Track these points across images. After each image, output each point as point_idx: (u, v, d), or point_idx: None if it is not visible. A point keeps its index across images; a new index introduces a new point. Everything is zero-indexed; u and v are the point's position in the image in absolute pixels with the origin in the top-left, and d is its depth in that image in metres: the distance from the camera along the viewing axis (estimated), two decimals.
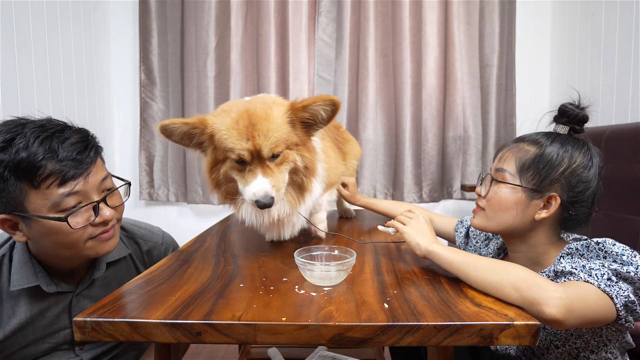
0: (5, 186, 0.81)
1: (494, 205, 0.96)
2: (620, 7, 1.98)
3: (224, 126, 0.91)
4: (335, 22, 2.43)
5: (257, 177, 0.90)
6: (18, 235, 0.88)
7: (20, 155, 0.80)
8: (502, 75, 2.49)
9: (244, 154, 0.90)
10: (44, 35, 1.93)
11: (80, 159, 0.86)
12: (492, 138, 2.51)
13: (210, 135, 0.94)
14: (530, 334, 0.65)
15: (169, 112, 2.48)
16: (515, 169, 0.93)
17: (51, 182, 0.83)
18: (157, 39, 2.44)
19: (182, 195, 2.53)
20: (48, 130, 0.86)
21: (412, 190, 2.51)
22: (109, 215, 0.91)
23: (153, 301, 0.73)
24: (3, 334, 0.94)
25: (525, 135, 1.00)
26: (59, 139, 0.85)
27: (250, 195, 0.90)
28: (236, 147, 0.90)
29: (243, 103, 0.97)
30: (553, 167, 0.90)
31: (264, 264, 0.97)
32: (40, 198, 0.83)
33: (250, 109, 0.92)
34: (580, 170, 0.89)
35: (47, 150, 0.82)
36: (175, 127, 0.91)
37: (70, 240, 0.87)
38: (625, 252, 0.78)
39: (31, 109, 1.80)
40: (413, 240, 0.92)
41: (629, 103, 1.92)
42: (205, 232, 1.32)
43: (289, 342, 0.65)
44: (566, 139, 0.93)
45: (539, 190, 0.90)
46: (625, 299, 0.72)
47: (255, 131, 0.89)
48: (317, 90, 2.45)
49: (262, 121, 0.90)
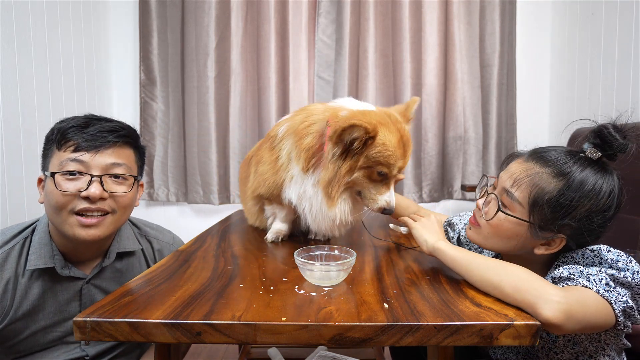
0: (50, 146, 0.99)
1: (493, 231, 0.89)
2: (620, 7, 1.99)
3: (391, 144, 0.96)
4: (335, 22, 2.43)
5: (390, 190, 1.03)
6: (41, 194, 1.01)
7: (64, 124, 0.98)
8: (503, 75, 2.49)
9: (394, 171, 1.00)
10: (44, 35, 1.93)
11: (97, 137, 0.98)
12: (493, 138, 2.51)
13: (371, 144, 0.95)
14: (530, 334, 0.65)
15: (169, 112, 2.48)
16: (527, 201, 0.83)
17: (68, 147, 0.96)
18: (158, 39, 2.44)
19: (183, 195, 2.53)
20: (99, 117, 1.03)
21: (412, 190, 2.51)
22: (93, 192, 0.95)
23: (153, 301, 0.73)
24: (15, 315, 0.97)
25: (549, 153, 0.86)
26: (97, 122, 1.00)
27: (383, 203, 1.02)
28: (396, 165, 0.98)
29: (387, 117, 1.00)
30: (569, 212, 0.80)
31: (264, 264, 0.97)
32: (57, 158, 0.97)
33: (401, 129, 1.00)
34: (599, 216, 0.81)
35: (82, 126, 0.98)
36: (355, 131, 0.92)
37: (57, 202, 0.95)
38: (620, 258, 0.77)
39: (31, 109, 1.81)
40: (421, 237, 0.93)
41: (629, 103, 1.92)
42: (205, 232, 1.32)
43: (289, 342, 0.65)
44: (595, 173, 0.81)
45: (547, 229, 0.83)
46: (624, 304, 0.72)
47: (406, 151, 1.01)
48: (317, 91, 2.45)
49: (408, 143, 1.02)
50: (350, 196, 1.03)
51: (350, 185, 1.01)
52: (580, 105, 2.30)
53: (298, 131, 1.03)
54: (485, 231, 0.91)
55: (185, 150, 2.49)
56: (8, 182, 1.69)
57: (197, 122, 2.44)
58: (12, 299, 0.97)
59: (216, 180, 2.45)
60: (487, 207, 0.92)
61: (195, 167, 2.46)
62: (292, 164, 1.04)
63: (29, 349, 1.01)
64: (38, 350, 1.02)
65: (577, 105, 2.32)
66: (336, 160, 0.97)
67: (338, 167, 0.97)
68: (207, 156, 2.44)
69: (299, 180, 1.04)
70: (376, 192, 1.01)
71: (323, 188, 0.99)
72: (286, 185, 1.07)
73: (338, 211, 1.02)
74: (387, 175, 1.00)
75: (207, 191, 2.47)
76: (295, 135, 1.03)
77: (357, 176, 0.99)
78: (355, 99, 1.09)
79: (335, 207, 1.01)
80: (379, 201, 1.01)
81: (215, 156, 2.44)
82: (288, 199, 1.07)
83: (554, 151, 0.86)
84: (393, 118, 1.01)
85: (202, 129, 2.43)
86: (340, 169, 0.97)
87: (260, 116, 2.49)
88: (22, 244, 1.01)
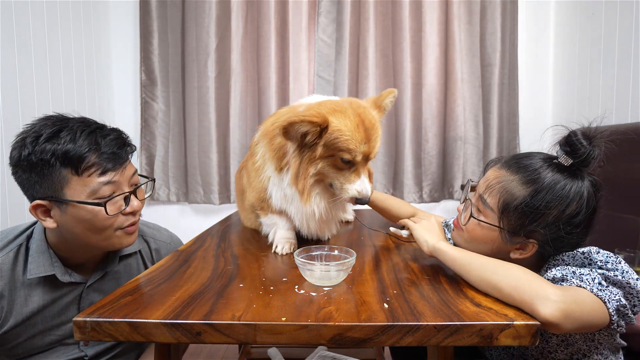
0: (50, 172, 0.89)
1: (470, 235, 0.92)
2: (620, 7, 1.98)
3: (346, 127, 0.94)
4: (335, 22, 2.43)
5: (360, 177, 1.00)
6: (49, 221, 0.93)
7: (67, 145, 0.89)
8: (504, 74, 2.49)
9: (358, 156, 0.96)
10: (44, 35, 1.93)
11: (119, 154, 0.95)
12: (495, 138, 2.51)
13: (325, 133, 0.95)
14: (530, 334, 0.65)
15: (169, 112, 2.49)
16: (498, 207, 0.86)
17: (93, 172, 0.91)
18: (158, 39, 2.44)
19: (183, 194, 2.53)
20: (90, 126, 0.95)
21: (412, 190, 2.51)
22: (137, 205, 0.99)
23: (153, 301, 0.73)
24: (15, 322, 0.96)
25: (523, 160, 0.88)
26: (101, 135, 0.95)
27: (353, 192, 0.99)
28: (356, 149, 0.95)
29: (347, 103, 1.00)
30: (537, 219, 0.82)
31: (264, 264, 0.97)
32: (80, 185, 0.91)
33: (362, 113, 0.97)
34: (566, 220, 0.82)
35: (92, 143, 0.92)
36: (300, 126, 0.92)
37: (103, 225, 0.94)
38: (609, 259, 0.78)
39: (31, 109, 1.81)
40: (422, 237, 0.94)
41: (629, 103, 1.92)
42: (205, 232, 1.32)
43: (289, 342, 0.65)
44: (565, 179, 0.82)
45: (517, 234, 0.85)
46: (617, 302, 0.72)
47: (370, 135, 0.97)
48: (317, 91, 2.45)
49: (373, 127, 0.98)
50: (324, 190, 1.04)
51: (319, 177, 1.00)
52: (582, 105, 2.30)
53: (268, 132, 1.05)
54: (466, 235, 0.94)
55: (186, 150, 2.49)
56: (8, 182, 1.69)
57: (197, 122, 2.44)
58: (10, 307, 0.96)
59: (217, 180, 2.45)
60: (465, 211, 0.95)
61: (196, 166, 2.46)
62: (267, 165, 1.06)
63: (27, 352, 1.00)
64: (36, 352, 1.01)
65: (579, 105, 2.32)
66: (296, 155, 0.98)
67: (299, 161, 0.98)
68: (208, 156, 2.44)
69: (276, 182, 1.05)
70: (345, 181, 0.99)
71: (293, 184, 1.00)
72: (269, 189, 1.08)
73: (315, 206, 1.02)
74: (353, 162, 0.97)
75: (207, 191, 2.47)
76: (265, 137, 1.06)
77: (321, 166, 0.98)
78: (325, 95, 1.09)
79: (311, 203, 1.01)
80: (349, 190, 1.00)
81: (215, 156, 2.44)
82: (275, 205, 1.08)
83: (528, 158, 0.88)
84: (354, 105, 1.00)
85: (203, 129, 2.43)
86: (302, 162, 0.98)
87: (260, 116, 2.49)
88: (17, 251, 0.99)
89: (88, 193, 0.91)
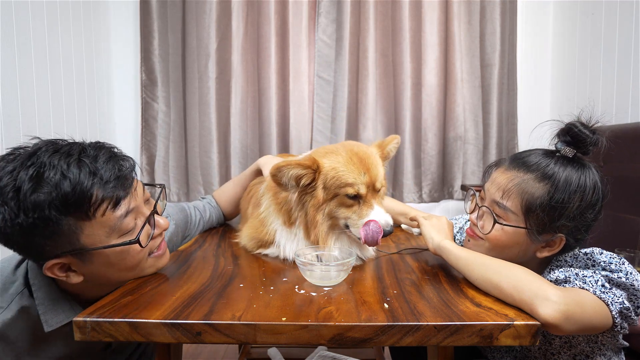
0: (57, 228, 0.73)
1: (493, 243, 0.89)
2: (620, 7, 1.98)
3: (339, 164, 0.94)
4: (335, 22, 2.43)
5: (374, 207, 0.94)
6: (72, 277, 0.80)
7: (63, 189, 0.72)
8: (503, 74, 2.49)
9: (362, 188, 0.93)
10: (44, 35, 1.93)
11: (123, 176, 0.80)
12: (494, 138, 2.51)
13: (320, 174, 0.94)
14: (530, 334, 0.65)
15: (170, 113, 2.49)
16: (521, 209, 0.85)
17: (105, 208, 0.76)
18: (158, 39, 2.44)
19: (184, 194, 2.54)
20: (72, 154, 0.76)
21: (412, 190, 2.51)
22: (163, 223, 0.89)
23: (153, 301, 0.73)
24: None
25: (528, 158, 0.88)
26: (89, 160, 0.77)
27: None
28: (357, 181, 0.93)
29: (339, 145, 1.01)
30: (563, 212, 0.82)
31: (264, 264, 0.97)
32: (97, 227, 0.77)
33: (354, 149, 0.97)
34: (590, 209, 0.83)
35: (89, 175, 0.75)
36: (288, 169, 0.91)
37: (137, 259, 0.83)
38: (613, 260, 0.78)
39: (31, 109, 1.81)
40: (428, 234, 0.94)
41: (629, 103, 1.92)
42: (205, 232, 1.32)
43: (289, 342, 0.65)
44: (576, 170, 0.84)
45: (545, 232, 0.84)
46: (620, 305, 0.72)
47: (367, 165, 0.95)
48: (317, 91, 2.45)
49: (368, 158, 0.97)
50: (342, 234, 0.99)
51: (332, 222, 0.97)
52: (581, 105, 2.29)
53: (272, 187, 1.02)
54: (486, 244, 0.91)
55: (187, 150, 2.49)
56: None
57: (198, 122, 2.44)
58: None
59: (217, 180, 2.45)
60: (481, 220, 0.92)
61: (197, 167, 2.47)
62: (272, 218, 1.03)
63: None
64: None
65: (578, 105, 2.32)
66: (299, 204, 0.96)
67: (305, 210, 0.96)
68: (208, 156, 2.45)
69: (287, 235, 1.01)
70: (358, 217, 0.94)
71: (306, 238, 0.97)
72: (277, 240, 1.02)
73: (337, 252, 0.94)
74: (359, 196, 0.94)
75: (208, 191, 2.47)
76: (270, 190, 1.05)
77: (329, 210, 0.95)
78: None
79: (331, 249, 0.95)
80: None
81: (216, 156, 2.44)
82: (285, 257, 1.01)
83: (532, 155, 0.89)
84: (346, 144, 1.00)
85: (204, 129, 2.44)
86: (308, 211, 0.95)
87: (260, 116, 2.49)
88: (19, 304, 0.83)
89: (109, 233, 0.78)
